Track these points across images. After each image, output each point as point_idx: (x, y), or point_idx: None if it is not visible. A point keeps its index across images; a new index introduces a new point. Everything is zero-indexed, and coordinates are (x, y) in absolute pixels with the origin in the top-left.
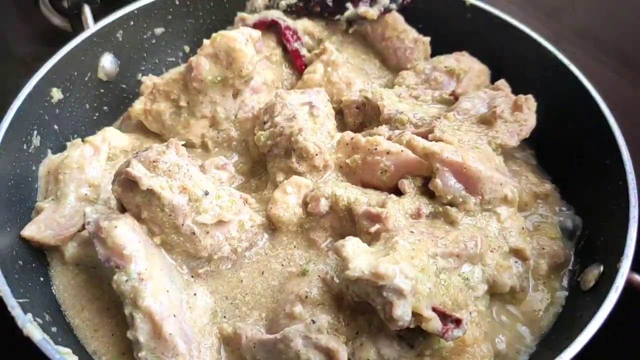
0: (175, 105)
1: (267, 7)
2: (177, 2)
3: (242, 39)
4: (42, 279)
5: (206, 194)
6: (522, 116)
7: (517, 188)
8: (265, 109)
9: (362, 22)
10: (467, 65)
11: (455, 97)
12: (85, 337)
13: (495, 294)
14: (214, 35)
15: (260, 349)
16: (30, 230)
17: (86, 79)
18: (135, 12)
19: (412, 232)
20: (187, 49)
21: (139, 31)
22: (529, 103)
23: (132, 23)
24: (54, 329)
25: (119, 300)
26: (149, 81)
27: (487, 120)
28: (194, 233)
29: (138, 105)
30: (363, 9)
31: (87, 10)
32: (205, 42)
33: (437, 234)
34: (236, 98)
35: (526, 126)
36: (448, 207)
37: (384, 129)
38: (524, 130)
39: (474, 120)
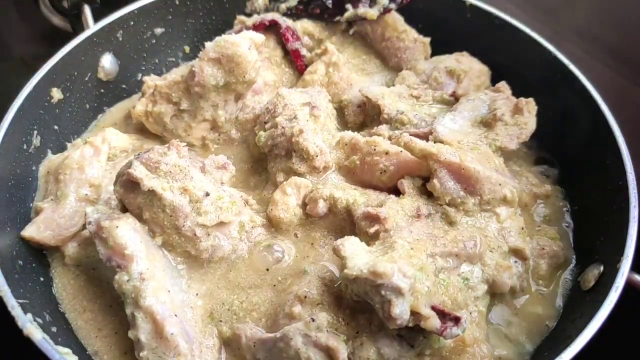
0: (177, 108)
1: (267, 10)
2: (177, 2)
3: (245, 44)
4: (42, 279)
5: (207, 195)
6: (522, 119)
7: (516, 188)
8: (267, 108)
9: (362, 22)
10: (467, 65)
11: (455, 98)
12: (89, 337)
13: (496, 294)
14: (216, 39)
15: (260, 347)
16: (29, 231)
17: (86, 78)
18: (135, 12)
19: (411, 232)
20: (187, 49)
21: (139, 31)
22: (530, 106)
23: (132, 23)
24: (54, 329)
25: (121, 299)
26: (150, 81)
27: (487, 123)
28: (195, 234)
29: (139, 107)
30: (362, 9)
31: (87, 10)
32: (208, 46)
33: (436, 234)
34: (237, 101)
35: (526, 130)
36: (447, 207)
37: (384, 128)
38: (524, 133)
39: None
